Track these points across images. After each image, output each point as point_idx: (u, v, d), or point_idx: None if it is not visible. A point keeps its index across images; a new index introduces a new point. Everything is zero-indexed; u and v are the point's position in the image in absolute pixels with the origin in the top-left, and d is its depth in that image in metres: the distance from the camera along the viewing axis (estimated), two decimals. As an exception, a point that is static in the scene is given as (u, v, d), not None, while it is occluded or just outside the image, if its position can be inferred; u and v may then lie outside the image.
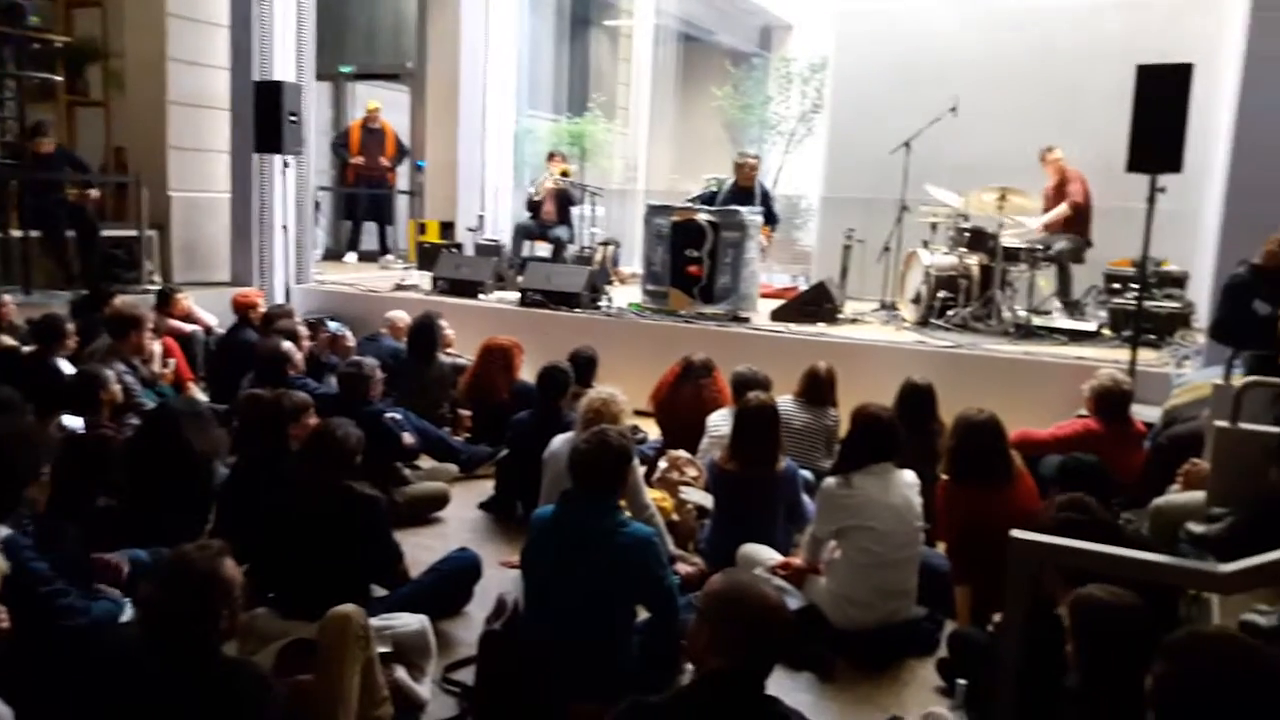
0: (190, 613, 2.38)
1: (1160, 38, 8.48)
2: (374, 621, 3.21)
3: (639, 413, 5.80)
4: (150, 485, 3.96)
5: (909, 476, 4.04)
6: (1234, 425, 3.12)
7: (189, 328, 7.37)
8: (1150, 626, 2.30)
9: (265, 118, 8.28)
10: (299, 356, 5.74)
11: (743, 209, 8.11)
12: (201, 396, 6.51)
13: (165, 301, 7.38)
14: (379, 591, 3.79)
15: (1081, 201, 8.12)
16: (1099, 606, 2.26)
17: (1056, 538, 2.06)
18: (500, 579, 4.39)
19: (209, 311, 7.74)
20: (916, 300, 8.06)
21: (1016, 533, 1.90)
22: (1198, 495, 3.45)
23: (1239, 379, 3.89)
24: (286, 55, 9.18)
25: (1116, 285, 7.95)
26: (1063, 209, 8.09)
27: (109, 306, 6.16)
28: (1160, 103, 5.66)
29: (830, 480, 4.03)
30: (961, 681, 3.09)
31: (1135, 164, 5.83)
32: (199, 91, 9.42)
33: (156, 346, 6.46)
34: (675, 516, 4.77)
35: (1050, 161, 8.29)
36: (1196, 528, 2.82)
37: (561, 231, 10.26)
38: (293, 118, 8.31)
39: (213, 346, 7.37)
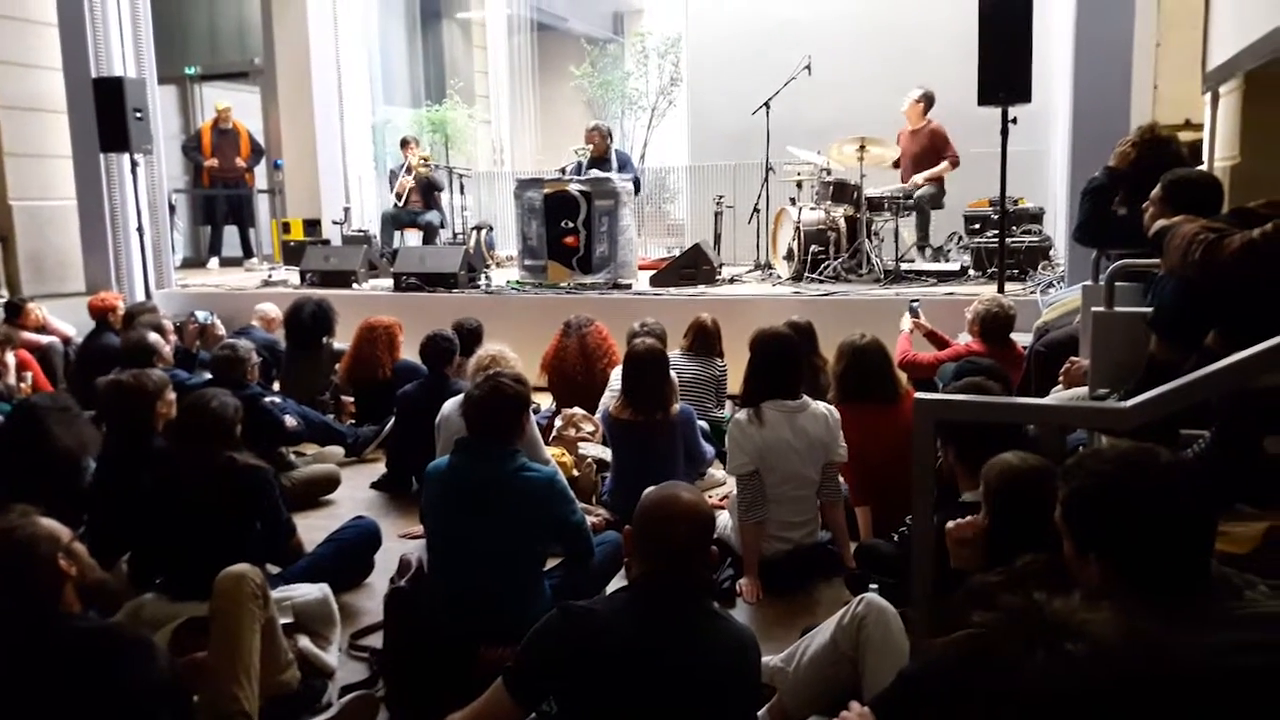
0: (19, 577, 2.24)
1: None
2: (272, 594, 3.07)
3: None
4: (15, 487, 3.72)
5: (821, 409, 4.03)
6: (1109, 309, 3.21)
7: (45, 339, 7.05)
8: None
9: (108, 116, 7.88)
10: (167, 350, 5.47)
11: (614, 176, 8.05)
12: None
13: (15, 313, 7.04)
14: (275, 570, 3.64)
15: (957, 160, 8.34)
16: (1011, 469, 2.27)
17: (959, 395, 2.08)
18: (401, 550, 4.26)
19: (66, 322, 7.36)
20: (789, 256, 8.16)
21: (920, 395, 1.90)
22: (1080, 390, 3.55)
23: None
24: (124, 53, 8.77)
25: (976, 225, 8.22)
26: (945, 166, 8.29)
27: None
28: (1004, 34, 5.80)
29: (741, 414, 4.01)
30: (874, 585, 3.12)
31: (986, 97, 5.95)
32: (32, 94, 8.90)
33: (10, 359, 6.15)
34: (575, 472, 4.72)
35: (915, 111, 8.48)
36: (1083, 410, 2.88)
37: (431, 217, 10.07)
38: (138, 114, 7.93)
39: (72, 357, 7.05)
